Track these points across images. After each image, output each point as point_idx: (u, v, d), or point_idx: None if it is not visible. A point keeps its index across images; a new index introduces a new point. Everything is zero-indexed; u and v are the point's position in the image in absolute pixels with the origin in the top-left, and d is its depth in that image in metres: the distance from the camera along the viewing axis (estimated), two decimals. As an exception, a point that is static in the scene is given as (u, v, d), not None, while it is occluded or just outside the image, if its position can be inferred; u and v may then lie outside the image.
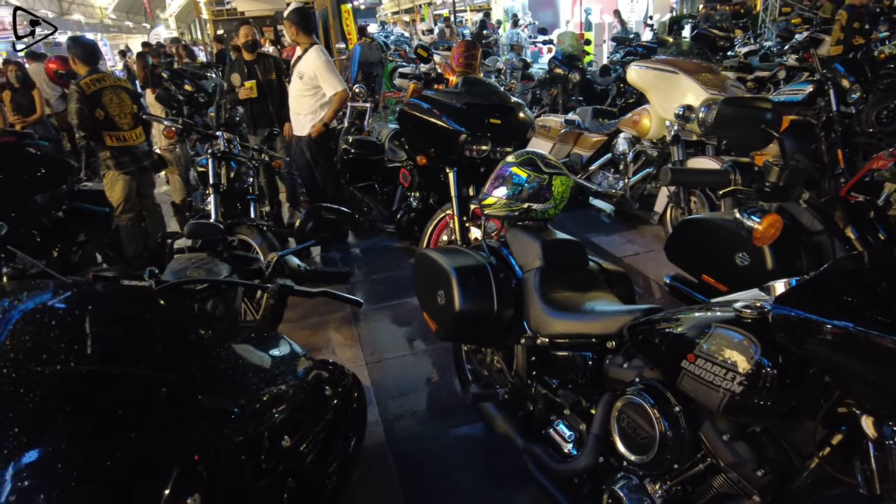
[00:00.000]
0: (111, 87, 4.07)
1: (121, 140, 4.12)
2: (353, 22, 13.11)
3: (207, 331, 1.11)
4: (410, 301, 3.80)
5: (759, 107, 1.91)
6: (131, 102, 4.17)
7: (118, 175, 4.13)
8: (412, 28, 26.89)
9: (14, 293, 0.93)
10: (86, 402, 0.83)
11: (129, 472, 0.80)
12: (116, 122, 4.07)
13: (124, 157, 4.13)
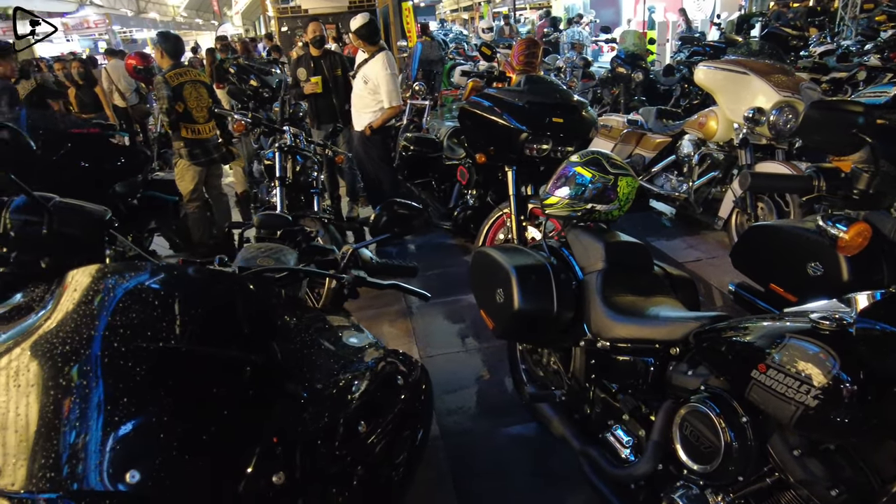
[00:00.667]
0: (191, 82, 4.31)
1: (195, 132, 4.34)
2: (414, 20, 13.22)
3: (291, 316, 1.16)
4: (464, 298, 3.82)
5: (851, 110, 1.82)
6: (208, 96, 4.41)
7: (189, 165, 4.35)
8: (471, 26, 26.90)
9: (118, 272, 1.00)
10: (182, 378, 0.89)
11: (219, 447, 0.85)
12: (193, 116, 4.31)
13: (196, 149, 4.35)
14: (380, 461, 1.02)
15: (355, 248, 1.37)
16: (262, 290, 1.14)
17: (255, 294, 1.07)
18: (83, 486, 0.76)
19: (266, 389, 0.94)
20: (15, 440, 0.80)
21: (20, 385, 0.85)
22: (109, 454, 0.78)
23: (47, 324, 0.94)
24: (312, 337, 1.15)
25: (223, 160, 4.72)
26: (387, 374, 1.14)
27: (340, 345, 1.18)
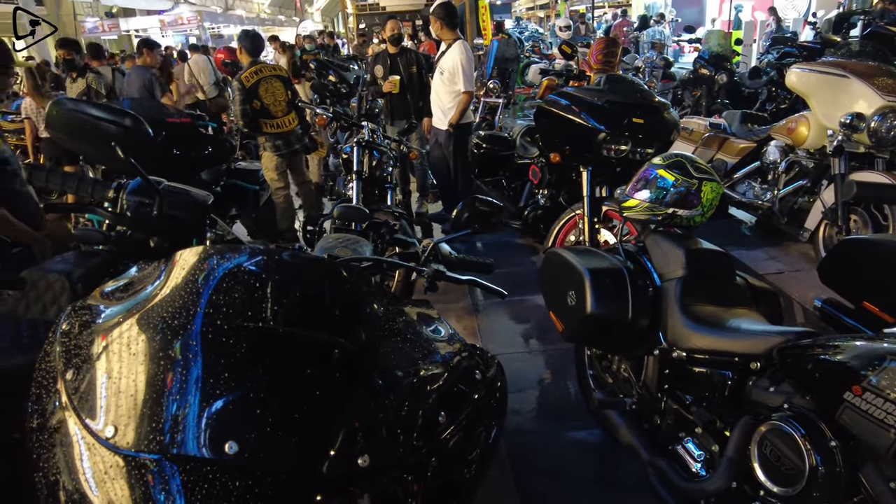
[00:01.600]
0: (266, 78, 4.50)
1: (275, 126, 4.53)
2: (490, 17, 13.20)
3: (379, 304, 1.19)
4: (530, 298, 3.79)
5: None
6: (284, 90, 4.58)
7: (273, 156, 4.57)
8: (546, 24, 26.55)
9: (222, 254, 1.07)
10: (277, 357, 0.94)
11: (309, 426, 0.89)
12: (271, 111, 4.50)
13: (278, 141, 4.55)
14: (454, 456, 1.02)
15: (436, 242, 1.40)
16: (354, 277, 1.18)
17: (348, 281, 1.11)
18: (184, 452, 0.81)
19: (352, 373, 0.97)
20: (127, 403, 0.87)
21: (134, 353, 0.92)
22: (210, 424, 0.84)
23: (157, 298, 1.01)
24: (397, 325, 1.18)
25: (306, 150, 4.92)
26: (465, 368, 1.15)
27: (422, 335, 1.20)
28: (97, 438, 0.83)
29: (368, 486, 0.88)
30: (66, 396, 0.90)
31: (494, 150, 4.70)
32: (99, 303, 1.12)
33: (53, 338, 1.06)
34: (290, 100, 4.58)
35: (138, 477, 0.80)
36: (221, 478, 0.79)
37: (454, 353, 1.18)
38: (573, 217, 3.56)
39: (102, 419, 0.85)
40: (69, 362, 0.96)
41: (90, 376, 0.92)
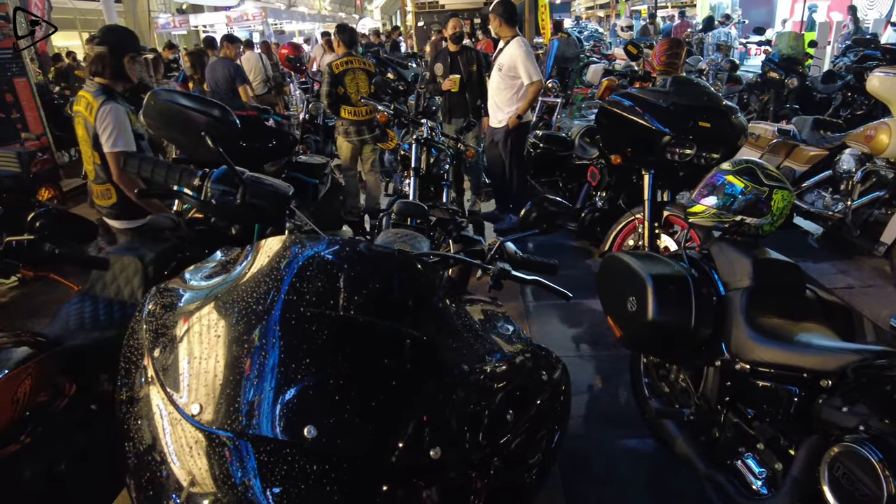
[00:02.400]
0: (353, 69, 4.94)
1: (352, 113, 4.95)
2: (549, 16, 13.05)
3: (450, 299, 1.20)
4: (583, 302, 3.74)
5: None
6: (368, 83, 5.00)
7: (344, 141, 5.06)
8: (606, 24, 26.07)
9: (301, 243, 1.10)
10: (355, 346, 0.96)
11: (384, 414, 0.90)
12: (352, 99, 4.94)
13: (351, 128, 5.01)
14: (516, 458, 1.01)
15: (502, 241, 1.40)
16: (428, 271, 1.20)
17: (422, 274, 1.12)
18: (264, 434, 0.84)
19: (423, 365, 0.98)
20: (211, 383, 0.90)
21: (218, 335, 0.96)
22: (290, 408, 0.86)
23: (241, 283, 1.05)
24: (465, 321, 1.18)
25: (375, 141, 5.24)
26: (530, 368, 1.14)
27: (489, 332, 1.20)
28: (182, 414, 0.87)
29: (436, 478, 0.88)
30: (154, 373, 0.95)
31: (552, 151, 4.65)
32: (184, 285, 1.17)
33: (140, 317, 1.12)
34: (371, 92, 4.96)
35: (219, 454, 0.83)
36: (300, 460, 0.81)
37: (520, 353, 1.18)
38: (632, 221, 3.49)
39: (188, 396, 0.89)
40: (156, 341, 1.01)
41: (176, 355, 0.96)
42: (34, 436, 1.59)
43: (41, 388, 1.64)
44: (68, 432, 1.76)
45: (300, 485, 0.79)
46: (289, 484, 0.79)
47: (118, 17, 18.04)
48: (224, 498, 0.79)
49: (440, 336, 1.08)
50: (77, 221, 1.72)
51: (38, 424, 1.62)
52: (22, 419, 1.59)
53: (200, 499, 0.80)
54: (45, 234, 1.57)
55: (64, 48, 15.64)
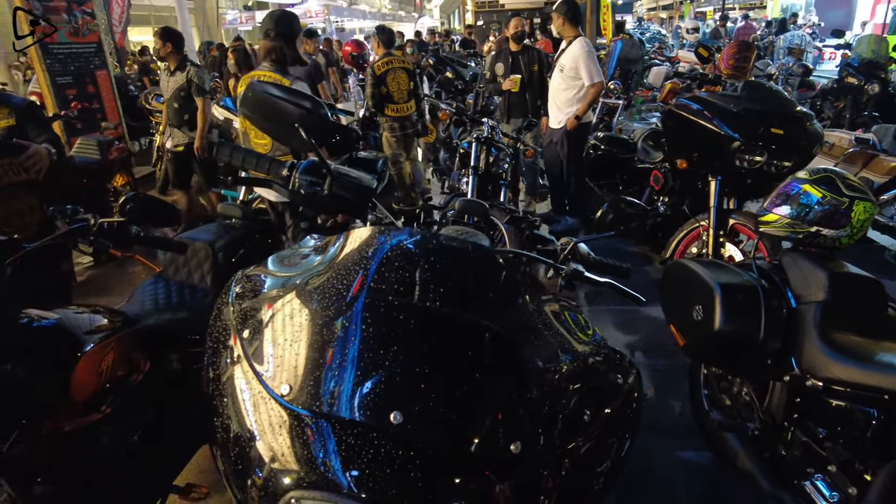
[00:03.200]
0: (394, 69, 5.12)
1: (395, 111, 5.20)
2: (611, 17, 12.82)
3: (528, 295, 1.20)
4: (641, 310, 3.65)
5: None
6: (408, 81, 5.17)
7: (390, 136, 5.30)
8: (668, 25, 25.38)
9: (389, 234, 1.13)
10: (440, 337, 0.98)
11: (467, 406, 0.91)
12: (395, 98, 5.13)
13: (395, 124, 5.25)
14: (586, 463, 1.00)
15: (576, 241, 1.39)
16: (510, 266, 1.20)
17: (503, 269, 1.13)
18: (351, 417, 0.86)
19: (502, 360, 0.99)
20: (300, 365, 0.94)
21: (307, 319, 0.99)
22: (377, 394, 0.88)
23: (330, 270, 1.09)
24: (543, 318, 1.18)
25: (417, 134, 5.49)
26: (604, 371, 1.13)
27: (565, 331, 1.19)
28: (271, 393, 0.91)
29: (510, 474, 0.88)
30: (242, 353, 0.99)
31: (612, 153, 4.57)
32: (271, 271, 1.21)
33: (227, 299, 1.16)
34: (411, 89, 5.14)
35: (304, 433, 0.86)
36: (385, 446, 0.83)
37: (594, 354, 1.17)
38: (696, 228, 3.39)
39: (276, 377, 0.93)
40: (244, 323, 1.05)
41: (264, 337, 1.00)
42: (113, 407, 1.68)
43: (121, 364, 1.74)
44: (142, 407, 1.85)
45: (385, 469, 0.81)
46: (372, 467, 0.81)
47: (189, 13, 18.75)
48: (307, 476, 0.81)
49: (518, 331, 1.08)
50: (161, 207, 1.80)
51: (116, 397, 1.71)
52: (103, 391, 1.68)
53: (282, 475, 0.83)
54: (133, 218, 1.66)
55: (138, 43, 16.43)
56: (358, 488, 0.80)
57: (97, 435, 1.67)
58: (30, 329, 1.45)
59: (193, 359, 2.09)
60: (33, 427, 1.47)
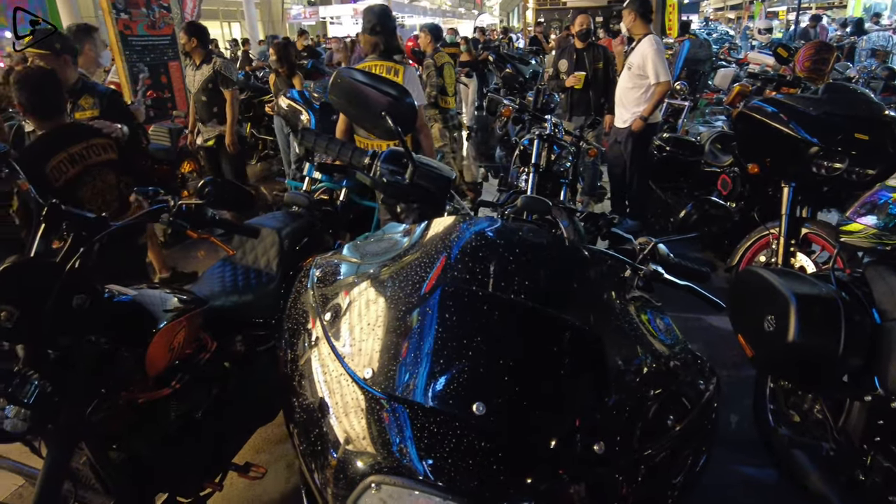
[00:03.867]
0: (447, 63, 5.38)
1: (446, 104, 5.47)
2: (677, 16, 12.43)
3: (614, 293, 1.18)
4: (702, 318, 3.54)
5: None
6: (453, 72, 5.45)
7: (442, 127, 5.50)
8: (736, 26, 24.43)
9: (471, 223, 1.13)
10: (525, 330, 0.96)
11: (550, 402, 0.90)
12: (448, 91, 5.35)
13: (446, 115, 5.46)
14: (659, 473, 0.96)
15: (655, 242, 1.35)
16: (596, 262, 1.18)
17: (589, 264, 1.10)
18: (432, 405, 0.86)
19: (584, 358, 0.97)
20: (383, 350, 0.94)
21: (391, 305, 1.00)
22: (460, 383, 0.87)
23: (412, 257, 1.09)
24: (627, 317, 1.15)
25: (457, 128, 5.78)
26: (684, 377, 1.09)
27: (648, 332, 1.16)
28: (353, 376, 0.91)
29: (587, 475, 0.86)
30: (324, 335, 1.00)
31: (678, 155, 4.43)
32: (350, 257, 1.23)
33: (307, 284, 1.18)
34: (454, 83, 5.46)
35: (382, 418, 0.86)
36: (467, 436, 0.82)
37: (676, 358, 1.12)
38: (766, 236, 3.24)
39: (358, 360, 0.93)
40: (325, 306, 1.06)
41: (347, 321, 1.01)
42: (182, 383, 1.75)
43: (190, 342, 1.80)
44: (207, 385, 1.91)
45: (466, 459, 0.80)
46: (453, 457, 0.81)
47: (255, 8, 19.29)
48: (385, 461, 0.82)
49: (601, 328, 1.06)
50: (237, 192, 1.86)
51: (185, 374, 1.78)
52: (173, 367, 1.75)
53: (361, 458, 0.84)
54: (210, 201, 1.71)
55: (208, 36, 17.04)
56: (436, 476, 0.79)
57: (166, 409, 1.74)
58: (112, 304, 1.52)
59: (257, 341, 2.15)
60: (111, 397, 1.54)
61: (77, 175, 2.47)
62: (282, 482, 2.37)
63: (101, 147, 2.56)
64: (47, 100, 2.45)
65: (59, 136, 2.46)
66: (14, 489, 2.31)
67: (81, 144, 2.49)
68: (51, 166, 2.38)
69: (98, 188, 2.55)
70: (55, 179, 2.39)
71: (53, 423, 1.34)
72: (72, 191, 2.45)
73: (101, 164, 2.56)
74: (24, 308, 1.30)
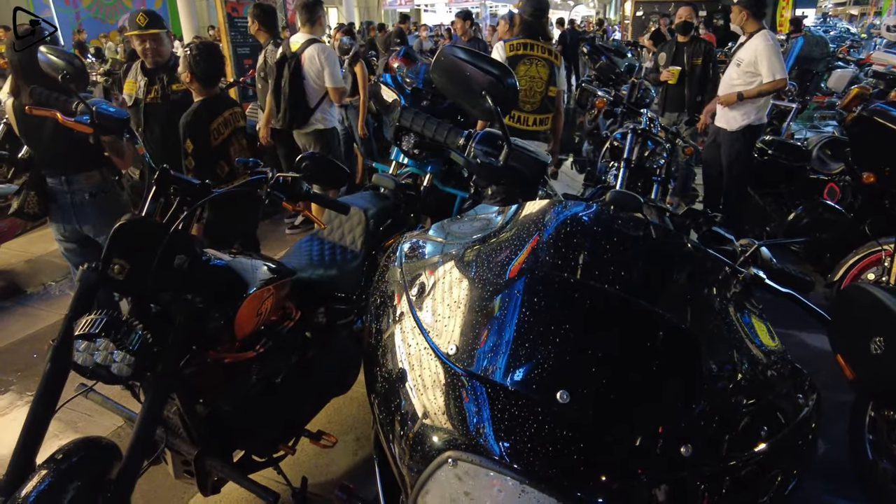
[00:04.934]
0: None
1: None
2: (791, 10, 11.58)
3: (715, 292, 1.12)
4: (795, 334, 3.30)
5: None
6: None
7: None
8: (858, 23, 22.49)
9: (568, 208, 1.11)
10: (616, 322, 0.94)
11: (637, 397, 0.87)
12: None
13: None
14: (744, 488, 0.90)
15: (759, 244, 1.26)
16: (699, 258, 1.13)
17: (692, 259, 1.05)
18: (516, 388, 0.85)
19: (678, 356, 0.92)
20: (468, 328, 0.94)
21: (479, 285, 0.99)
22: (545, 369, 0.86)
23: (503, 239, 1.08)
24: (726, 319, 1.08)
25: None
26: (781, 389, 1.01)
27: (747, 337, 1.09)
28: (437, 352, 0.92)
29: (668, 477, 0.83)
30: (409, 311, 1.02)
31: (781, 160, 4.14)
32: (438, 237, 1.23)
33: (395, 259, 1.20)
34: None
35: (462, 395, 0.86)
36: (549, 422, 0.81)
37: (775, 367, 1.05)
38: (877, 252, 2.98)
39: (442, 336, 0.94)
40: (413, 282, 1.08)
41: (433, 298, 1.01)
42: (265, 348, 1.83)
43: (276, 309, 1.88)
44: (288, 352, 1.99)
45: (545, 446, 0.79)
46: (533, 442, 0.79)
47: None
48: (463, 439, 0.81)
49: (697, 327, 1.00)
50: (333, 168, 1.91)
51: (269, 339, 1.86)
52: (258, 332, 1.84)
53: (434, 431, 0.84)
54: (306, 175, 1.77)
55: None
56: (512, 459, 0.78)
57: (249, 371, 1.82)
58: (208, 267, 1.61)
59: (338, 315, 2.22)
60: (201, 354, 1.64)
61: (227, 136, 2.78)
62: (350, 454, 2.44)
63: (239, 115, 2.85)
64: (214, 69, 2.75)
65: (216, 102, 2.76)
66: (114, 429, 2.52)
67: (228, 111, 2.77)
68: (212, 128, 2.68)
69: (237, 150, 2.83)
70: (214, 139, 2.69)
71: (152, 371, 1.44)
72: (224, 149, 2.74)
73: (239, 129, 2.84)
74: (133, 263, 1.39)
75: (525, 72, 3.42)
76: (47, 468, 1.31)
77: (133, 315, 1.43)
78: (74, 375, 1.45)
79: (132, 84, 3.43)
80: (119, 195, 2.82)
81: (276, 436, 1.93)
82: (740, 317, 1.13)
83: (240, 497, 2.19)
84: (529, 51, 3.44)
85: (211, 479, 1.76)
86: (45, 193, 2.59)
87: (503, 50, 3.46)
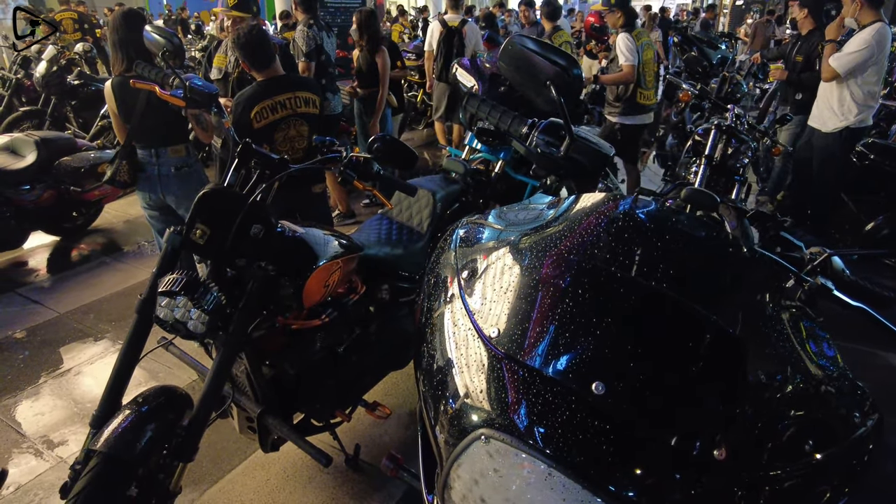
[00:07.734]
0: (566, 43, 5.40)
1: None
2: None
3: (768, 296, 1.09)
4: (876, 353, 3.07)
5: None
6: None
7: None
8: None
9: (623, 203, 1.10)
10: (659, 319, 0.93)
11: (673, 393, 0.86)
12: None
13: None
14: (785, 501, 0.87)
15: (830, 252, 1.19)
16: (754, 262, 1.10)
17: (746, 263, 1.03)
18: (553, 375, 0.86)
19: (720, 357, 0.91)
20: (511, 313, 0.96)
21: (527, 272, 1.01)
22: (583, 359, 0.87)
23: (557, 230, 1.09)
24: (778, 326, 1.05)
25: None
26: (836, 405, 0.97)
27: (800, 346, 1.05)
28: (480, 333, 0.95)
29: (701, 480, 0.82)
30: (458, 293, 1.05)
31: (884, 165, 3.82)
32: (495, 223, 1.26)
33: (450, 242, 1.24)
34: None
35: (501, 378, 0.89)
36: (582, 412, 0.82)
37: (830, 382, 1.01)
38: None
39: (488, 319, 0.97)
40: (464, 266, 1.11)
41: (482, 282, 1.04)
42: (331, 318, 1.92)
43: (343, 282, 1.96)
44: (351, 324, 2.08)
45: (577, 434, 0.80)
46: (565, 428, 0.81)
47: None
48: (497, 418, 0.84)
49: (747, 333, 0.98)
50: (403, 150, 1.96)
51: (335, 310, 1.95)
52: (325, 302, 1.93)
53: (475, 411, 0.87)
54: (377, 156, 1.83)
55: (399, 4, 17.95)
56: (544, 444, 0.80)
57: (314, 339, 1.92)
58: (282, 237, 1.70)
59: (401, 292, 2.29)
60: (270, 319, 1.74)
61: (277, 120, 2.78)
62: (402, 428, 2.52)
63: (305, 100, 2.84)
64: (262, 53, 2.78)
65: (269, 85, 2.78)
66: (189, 382, 2.72)
67: (287, 94, 2.78)
68: (255, 111, 2.71)
69: (290, 136, 2.85)
70: (255, 122, 2.73)
71: (224, 331, 1.55)
72: (267, 133, 2.78)
73: (301, 114, 2.84)
74: (214, 228, 1.50)
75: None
76: (130, 409, 1.45)
77: (210, 278, 1.54)
78: (158, 330, 1.59)
79: (222, 58, 3.62)
80: (201, 171, 2.96)
81: (335, 402, 2.02)
82: (797, 327, 1.08)
83: (296, 457, 2.32)
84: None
85: (271, 437, 1.88)
86: (135, 164, 2.80)
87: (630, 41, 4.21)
